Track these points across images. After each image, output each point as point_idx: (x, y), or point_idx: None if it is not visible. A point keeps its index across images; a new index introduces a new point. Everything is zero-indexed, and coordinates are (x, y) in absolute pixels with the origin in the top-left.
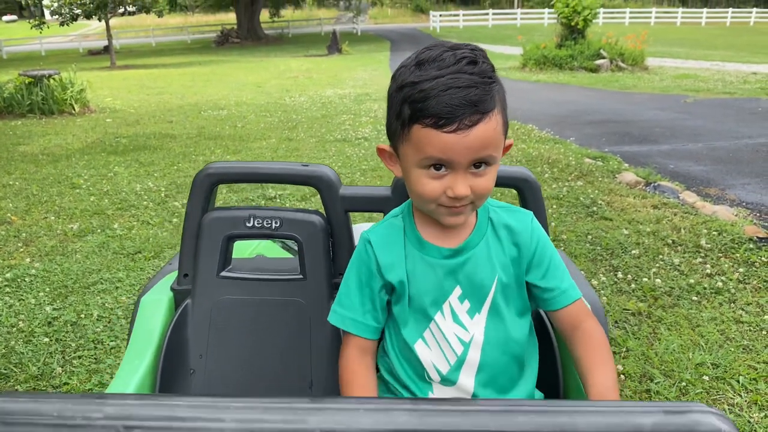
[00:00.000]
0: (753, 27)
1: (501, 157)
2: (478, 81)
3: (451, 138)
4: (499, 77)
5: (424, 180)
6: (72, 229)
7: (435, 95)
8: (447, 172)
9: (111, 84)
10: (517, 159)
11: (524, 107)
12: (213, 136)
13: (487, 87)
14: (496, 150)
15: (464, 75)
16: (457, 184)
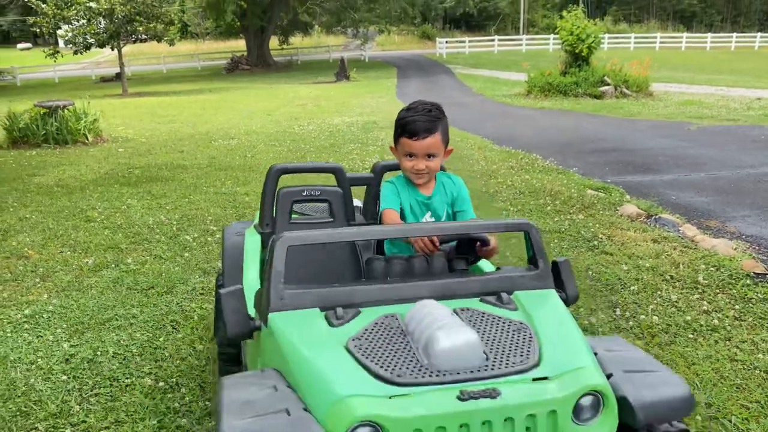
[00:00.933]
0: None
1: (443, 155)
2: (430, 119)
3: (416, 143)
4: (443, 117)
5: (405, 161)
6: (87, 264)
7: (410, 123)
8: (414, 159)
9: (123, 112)
10: (520, 190)
11: (528, 135)
12: (223, 167)
13: (433, 122)
14: (438, 150)
15: (423, 116)
16: (418, 164)
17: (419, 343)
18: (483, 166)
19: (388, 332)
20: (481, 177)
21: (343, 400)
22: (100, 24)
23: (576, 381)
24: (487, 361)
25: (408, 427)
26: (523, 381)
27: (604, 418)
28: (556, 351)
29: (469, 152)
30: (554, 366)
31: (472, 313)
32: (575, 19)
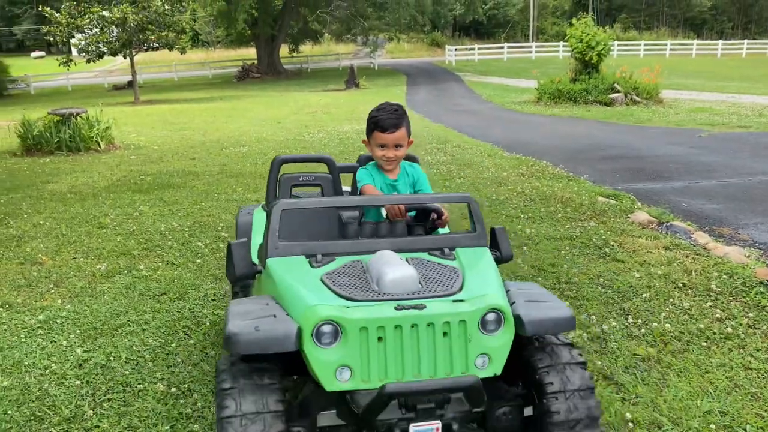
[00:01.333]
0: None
1: (407, 144)
2: (397, 116)
3: (387, 136)
4: (406, 115)
5: (377, 151)
6: (100, 270)
7: (381, 120)
8: (385, 149)
9: (135, 120)
10: (530, 198)
11: (538, 142)
12: (234, 174)
13: (399, 119)
14: (404, 141)
15: (391, 114)
16: (388, 153)
17: (373, 277)
18: (493, 173)
19: (352, 271)
20: (491, 184)
21: (313, 307)
22: (112, 32)
23: (483, 302)
24: (421, 288)
25: (356, 325)
26: (444, 301)
27: (504, 330)
28: (473, 284)
29: (479, 159)
30: (470, 293)
31: (419, 261)
32: (585, 27)
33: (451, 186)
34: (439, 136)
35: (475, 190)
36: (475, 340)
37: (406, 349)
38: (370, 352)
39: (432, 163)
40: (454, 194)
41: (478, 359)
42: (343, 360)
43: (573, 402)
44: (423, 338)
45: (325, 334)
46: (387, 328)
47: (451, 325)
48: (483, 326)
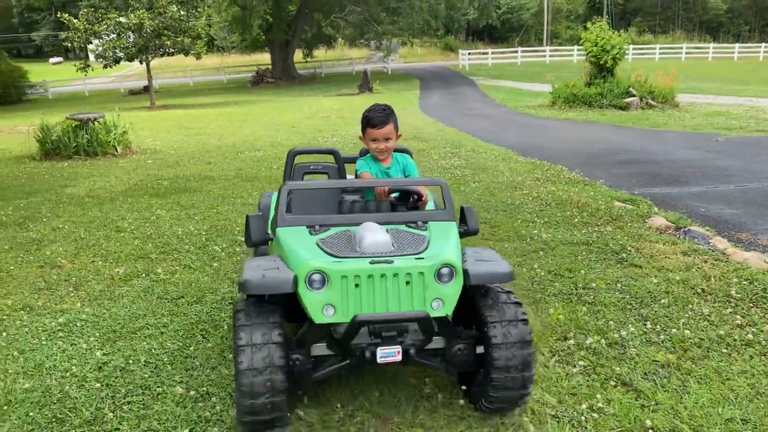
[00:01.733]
0: None
1: (396, 138)
2: (385, 115)
3: (377, 131)
4: (393, 113)
5: (371, 144)
6: (118, 273)
7: (372, 118)
8: (377, 142)
9: (151, 125)
10: (546, 202)
11: (553, 146)
12: (250, 178)
13: (387, 116)
14: (392, 135)
15: (381, 113)
16: (380, 145)
17: (356, 241)
18: (508, 177)
19: (342, 237)
20: (506, 188)
21: (306, 261)
22: (129, 38)
23: (438, 258)
24: (393, 249)
25: (338, 274)
26: (408, 258)
27: (455, 281)
28: (436, 248)
29: (494, 164)
30: (431, 254)
31: (396, 230)
32: (600, 31)
33: (466, 190)
34: (453, 141)
35: (490, 195)
36: (431, 288)
37: (376, 293)
38: (349, 294)
39: (446, 168)
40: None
41: (434, 303)
42: (328, 300)
43: (507, 329)
44: (390, 285)
45: (315, 281)
46: (362, 276)
47: (412, 276)
48: (438, 277)
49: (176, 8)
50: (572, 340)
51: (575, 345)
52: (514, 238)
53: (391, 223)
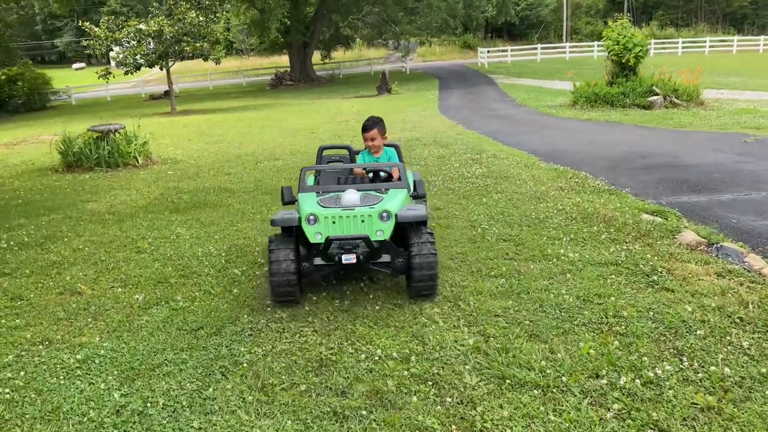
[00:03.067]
0: None
1: (382, 138)
2: (373, 123)
3: (366, 134)
4: (380, 121)
5: (365, 143)
6: (137, 301)
7: (365, 126)
8: (368, 141)
9: (172, 132)
10: (572, 216)
11: (576, 149)
12: (269, 190)
13: (373, 124)
14: (377, 136)
15: (370, 122)
16: (368, 143)
17: (340, 199)
18: (531, 187)
19: (332, 198)
20: (530, 200)
21: (307, 209)
22: (149, 45)
23: (381, 207)
24: (359, 204)
25: (323, 215)
26: (365, 208)
27: (390, 221)
28: (383, 203)
29: (516, 171)
30: (379, 206)
31: (366, 193)
32: (621, 28)
33: (489, 202)
34: (473, 146)
35: (513, 207)
36: (375, 224)
37: (344, 226)
38: (328, 227)
39: (467, 177)
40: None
41: (377, 232)
42: (318, 230)
43: (420, 247)
44: (351, 222)
45: (311, 219)
46: (337, 217)
47: (365, 217)
48: (380, 218)
49: (195, 14)
50: (605, 378)
51: (608, 384)
52: (540, 257)
53: (365, 190)
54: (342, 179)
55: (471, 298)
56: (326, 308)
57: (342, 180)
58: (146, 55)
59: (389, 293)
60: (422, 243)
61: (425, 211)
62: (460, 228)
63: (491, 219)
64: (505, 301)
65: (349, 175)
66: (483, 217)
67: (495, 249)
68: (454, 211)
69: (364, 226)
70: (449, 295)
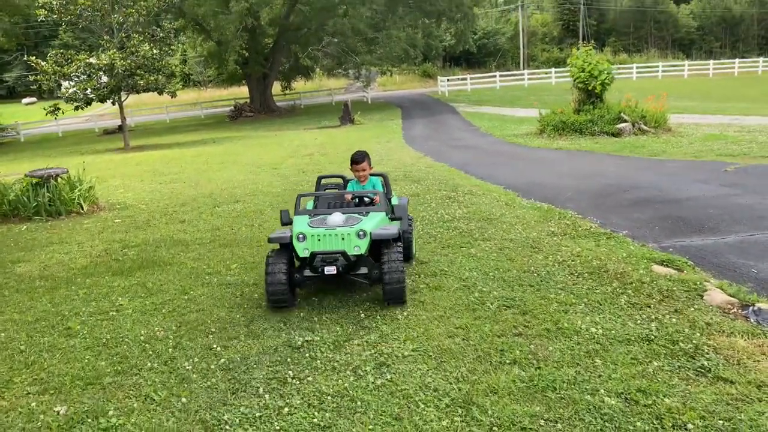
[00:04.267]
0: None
1: (369, 168)
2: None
3: (356, 166)
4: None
5: (354, 173)
6: (57, 417)
7: (355, 158)
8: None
9: (123, 170)
10: (576, 270)
11: (554, 182)
12: (228, 242)
13: (363, 157)
14: (366, 168)
15: (359, 155)
16: (358, 174)
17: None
18: (520, 232)
19: (321, 219)
20: (523, 248)
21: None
22: (100, 79)
23: (359, 227)
24: (342, 224)
25: (310, 234)
26: (345, 228)
27: (366, 238)
28: (362, 224)
29: (498, 211)
30: (357, 226)
31: (350, 216)
32: (586, 56)
33: (478, 254)
34: (446, 180)
35: (508, 260)
36: (353, 241)
37: (327, 243)
38: (315, 243)
39: (448, 220)
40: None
41: (355, 248)
42: (306, 246)
43: (391, 262)
44: (333, 239)
45: (300, 237)
46: (321, 235)
47: (344, 235)
48: (358, 236)
49: (148, 47)
50: None
51: None
52: (555, 332)
53: (349, 213)
54: (332, 204)
55: (486, 401)
56: None
57: (332, 204)
58: (97, 89)
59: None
60: (392, 259)
61: (397, 230)
62: (453, 290)
63: (486, 277)
64: (530, 404)
65: (338, 200)
66: (476, 275)
67: (500, 321)
68: (442, 265)
69: (343, 243)
70: (457, 397)
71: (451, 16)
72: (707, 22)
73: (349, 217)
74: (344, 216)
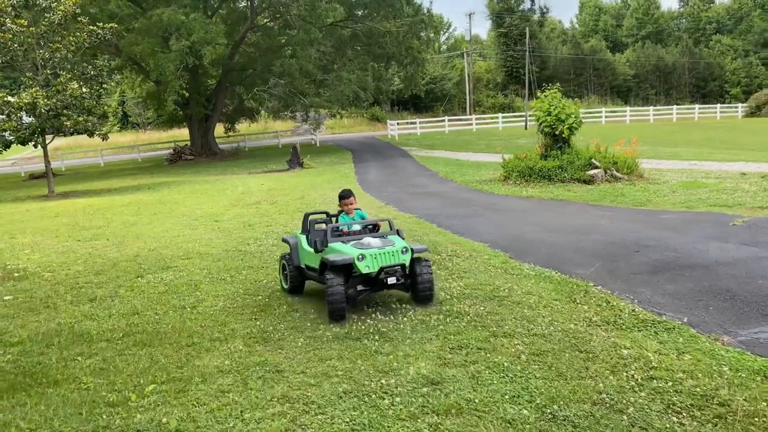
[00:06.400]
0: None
1: (354, 202)
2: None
3: (347, 200)
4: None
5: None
6: None
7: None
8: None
9: (39, 224)
10: (680, 408)
11: (540, 238)
12: (148, 338)
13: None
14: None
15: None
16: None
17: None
18: (548, 320)
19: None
20: (569, 353)
21: (352, 252)
22: (21, 119)
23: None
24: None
25: (368, 254)
26: (390, 247)
27: (408, 253)
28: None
29: (501, 283)
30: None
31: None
32: (552, 99)
33: (507, 364)
34: (420, 236)
35: (560, 379)
36: (401, 256)
37: (387, 259)
38: (372, 261)
39: (445, 299)
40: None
41: (403, 261)
42: (366, 264)
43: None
44: (388, 256)
45: (360, 257)
46: (378, 254)
47: (395, 252)
48: (403, 252)
49: (77, 85)
50: None
51: None
52: None
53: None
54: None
55: None
56: None
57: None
58: (17, 130)
59: None
60: (423, 268)
61: (425, 247)
62: None
63: (542, 417)
64: None
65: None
66: (523, 411)
67: None
68: (465, 392)
69: (395, 258)
70: None
71: (400, 60)
72: (642, 70)
73: (382, 240)
74: (378, 239)
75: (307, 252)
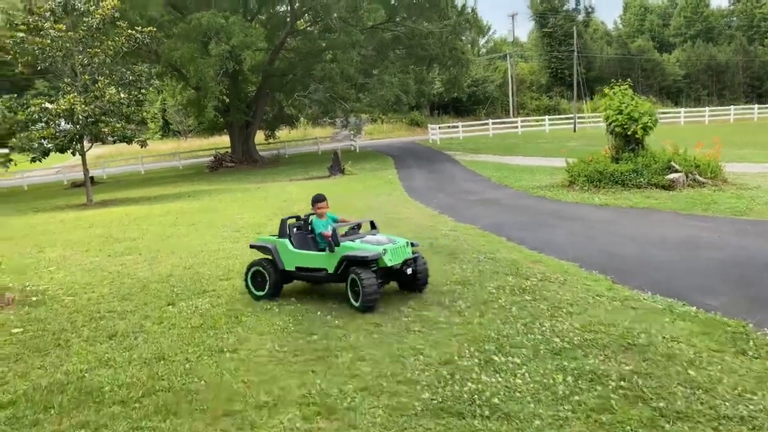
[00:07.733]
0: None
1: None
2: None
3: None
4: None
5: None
6: None
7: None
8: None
9: (71, 235)
10: None
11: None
12: (172, 403)
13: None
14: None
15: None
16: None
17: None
18: (725, 383)
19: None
20: None
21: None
22: (59, 126)
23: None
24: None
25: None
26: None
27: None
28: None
29: (624, 322)
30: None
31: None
32: (622, 96)
33: None
34: (491, 253)
35: None
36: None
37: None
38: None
39: (560, 350)
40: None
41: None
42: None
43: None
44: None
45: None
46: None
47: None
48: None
49: (115, 90)
50: None
51: None
52: None
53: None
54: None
55: None
56: None
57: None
58: (55, 138)
59: None
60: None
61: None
62: None
63: None
64: None
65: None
66: None
67: None
68: None
69: (405, 253)
70: None
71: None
72: (693, 69)
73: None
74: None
75: (299, 254)
